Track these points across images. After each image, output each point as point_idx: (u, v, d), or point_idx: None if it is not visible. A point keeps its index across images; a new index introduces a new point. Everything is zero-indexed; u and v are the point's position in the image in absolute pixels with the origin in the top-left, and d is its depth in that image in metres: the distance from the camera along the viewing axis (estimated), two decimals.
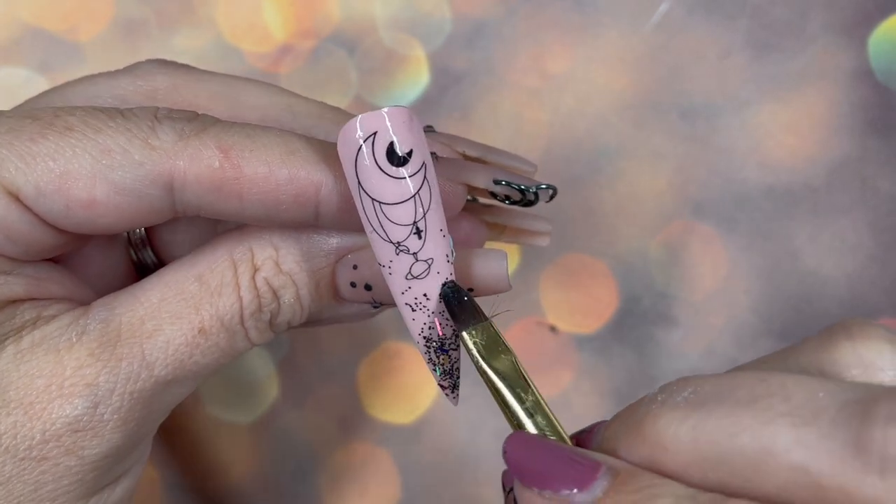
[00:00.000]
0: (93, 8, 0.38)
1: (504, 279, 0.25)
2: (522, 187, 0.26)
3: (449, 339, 0.24)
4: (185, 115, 0.23)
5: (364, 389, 0.38)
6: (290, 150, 0.23)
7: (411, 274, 0.23)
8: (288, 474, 0.37)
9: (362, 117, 0.22)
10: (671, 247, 0.37)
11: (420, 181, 0.22)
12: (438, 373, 0.24)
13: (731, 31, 0.37)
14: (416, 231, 0.23)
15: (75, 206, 0.22)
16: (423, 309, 0.23)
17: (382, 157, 0.22)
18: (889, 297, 0.37)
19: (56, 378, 0.22)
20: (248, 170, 0.22)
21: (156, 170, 0.22)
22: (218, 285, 0.24)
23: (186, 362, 0.23)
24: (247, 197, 0.23)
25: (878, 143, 0.37)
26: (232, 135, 0.23)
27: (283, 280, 0.24)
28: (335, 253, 0.25)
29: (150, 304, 0.23)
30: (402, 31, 0.38)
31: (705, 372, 0.37)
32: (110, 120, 0.23)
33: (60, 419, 0.22)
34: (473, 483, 0.37)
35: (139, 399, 0.23)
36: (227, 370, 0.37)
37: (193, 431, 0.37)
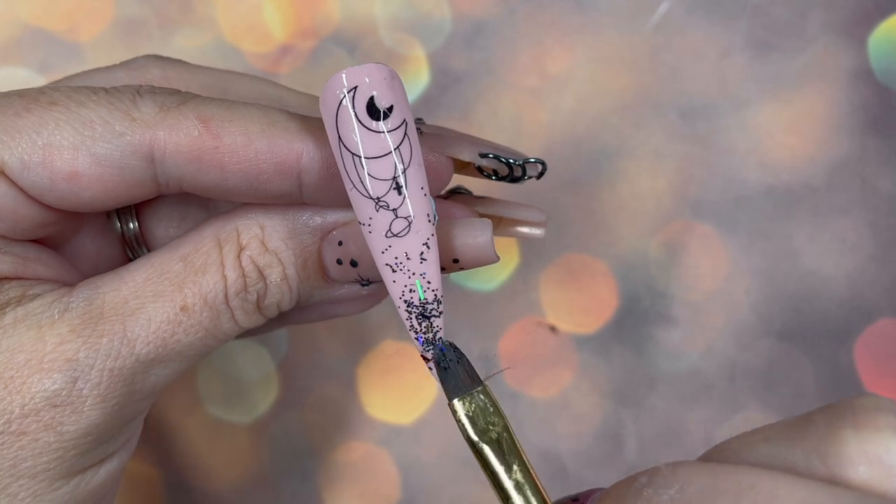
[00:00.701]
0: (93, 8, 0.38)
1: (490, 250, 0.25)
2: (510, 160, 0.26)
3: (431, 304, 0.24)
4: (167, 90, 0.24)
5: (364, 389, 0.38)
6: (270, 121, 0.23)
7: (391, 231, 0.23)
8: (288, 474, 0.37)
9: (345, 71, 0.22)
10: (671, 247, 0.37)
11: (400, 137, 0.22)
12: (420, 342, 0.24)
13: (731, 31, 0.37)
14: (396, 186, 0.22)
15: (59, 179, 0.22)
16: (403, 270, 0.23)
17: (363, 110, 0.22)
18: (889, 297, 0.37)
19: (36, 353, 0.22)
20: (227, 139, 0.23)
21: (136, 140, 0.23)
22: (202, 264, 0.24)
23: (169, 340, 0.23)
24: (227, 167, 0.23)
25: (878, 143, 0.37)
26: (212, 107, 0.23)
27: (269, 259, 0.24)
28: (321, 230, 0.25)
29: (134, 283, 0.24)
30: (402, 31, 0.38)
31: (706, 372, 0.37)
32: (93, 94, 0.23)
33: (39, 393, 0.22)
34: (473, 483, 0.37)
35: (119, 376, 0.23)
36: (227, 370, 0.37)
37: (193, 431, 0.37)
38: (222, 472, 0.37)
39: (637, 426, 0.37)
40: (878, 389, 0.37)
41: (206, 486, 0.37)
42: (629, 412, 0.37)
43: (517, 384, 0.37)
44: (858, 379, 0.37)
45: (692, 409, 0.37)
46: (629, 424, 0.37)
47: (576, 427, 0.37)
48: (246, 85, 0.27)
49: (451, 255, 0.25)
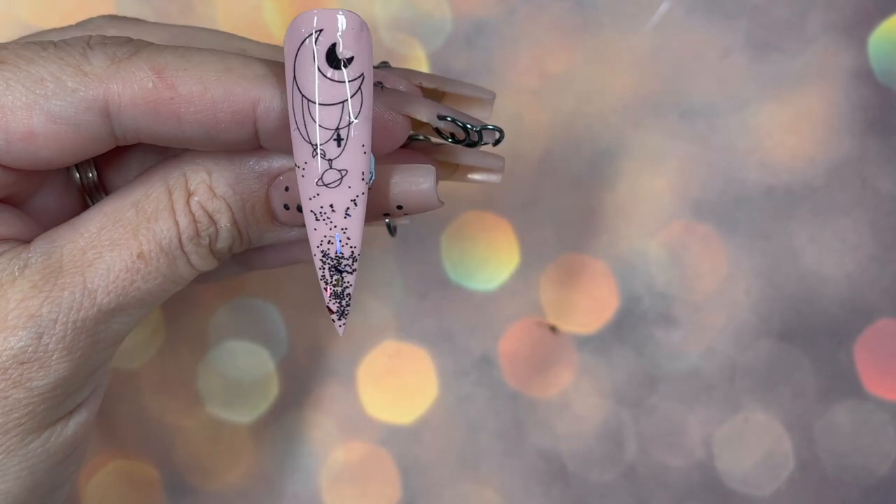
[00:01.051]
0: (93, 8, 0.37)
1: (432, 196, 0.25)
2: (467, 126, 0.26)
3: (346, 259, 0.24)
4: (118, 40, 0.23)
5: (364, 389, 0.38)
6: (226, 68, 0.23)
7: (322, 181, 0.23)
8: (288, 474, 0.37)
9: (314, 11, 0.22)
10: (671, 247, 0.37)
11: (354, 89, 0.22)
12: (328, 294, 0.24)
13: (731, 31, 0.37)
14: (337, 138, 0.22)
15: (14, 139, 0.22)
16: (326, 220, 0.23)
17: (322, 55, 0.22)
18: (889, 297, 0.37)
19: (0, 312, 0.22)
20: (182, 89, 0.22)
21: (90, 95, 0.22)
22: (154, 210, 0.24)
23: (129, 288, 0.23)
24: (184, 117, 0.23)
25: (878, 143, 0.37)
26: (165, 55, 0.23)
27: (218, 204, 0.24)
28: (267, 175, 0.25)
29: (89, 233, 0.24)
30: (402, 31, 0.38)
31: (706, 372, 0.37)
32: (42, 50, 0.23)
33: (6, 352, 0.22)
34: (473, 483, 0.37)
35: (83, 328, 0.23)
36: (228, 370, 0.37)
37: (193, 431, 0.37)
38: (222, 472, 0.37)
39: (637, 426, 0.37)
40: (878, 389, 0.37)
41: (206, 486, 0.37)
42: (629, 412, 0.37)
43: (517, 384, 0.37)
44: (858, 379, 0.37)
45: (692, 409, 0.37)
46: (629, 424, 0.37)
47: (576, 427, 0.37)
48: (207, 38, 0.27)
49: (395, 202, 0.25)
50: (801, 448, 0.37)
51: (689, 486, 0.37)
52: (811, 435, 0.37)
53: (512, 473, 0.37)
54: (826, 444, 0.37)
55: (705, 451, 0.37)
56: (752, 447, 0.37)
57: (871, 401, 0.37)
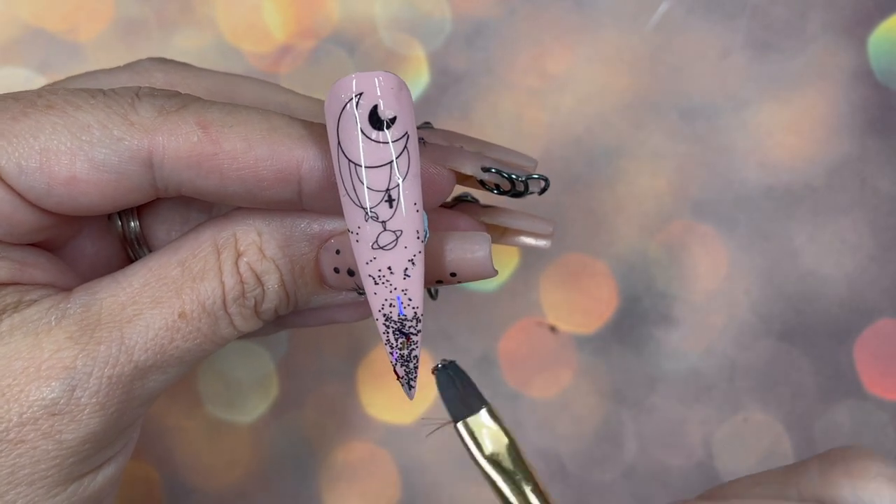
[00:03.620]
0: (93, 8, 0.38)
1: (488, 265, 0.25)
2: (512, 176, 0.26)
3: (410, 321, 0.23)
4: (167, 93, 0.23)
5: (364, 389, 0.38)
6: (272, 126, 0.23)
7: (378, 243, 0.23)
8: (288, 474, 0.37)
9: (353, 76, 0.22)
10: (671, 247, 0.37)
11: (400, 149, 0.22)
12: (395, 358, 0.24)
13: (731, 31, 0.37)
14: (388, 199, 0.22)
15: (56, 184, 0.22)
16: (385, 283, 0.23)
17: (365, 118, 0.22)
18: (889, 297, 0.37)
19: (34, 361, 0.22)
20: (227, 145, 0.22)
21: (135, 145, 0.22)
22: (200, 270, 0.24)
23: (167, 347, 0.23)
24: (227, 173, 0.23)
25: (878, 143, 0.37)
26: (212, 111, 0.23)
27: (267, 265, 0.24)
28: (318, 238, 0.25)
29: (131, 288, 0.23)
30: (402, 31, 0.38)
31: (706, 372, 0.37)
32: (91, 97, 0.23)
33: (38, 402, 0.22)
34: (473, 483, 0.37)
35: (118, 383, 0.23)
36: (227, 370, 0.37)
37: (193, 431, 0.37)
38: (222, 472, 0.37)
39: (637, 426, 0.37)
40: (878, 389, 0.37)
41: (206, 486, 0.37)
42: (629, 412, 0.37)
43: (517, 384, 0.37)
44: (858, 379, 0.37)
45: (692, 409, 0.37)
46: (629, 424, 0.37)
47: (576, 427, 0.37)
48: (251, 89, 0.27)
49: (449, 269, 0.25)
50: (800, 448, 0.37)
51: (689, 486, 0.37)
52: (811, 435, 0.37)
53: None
54: (826, 444, 0.37)
55: (705, 451, 0.37)
56: (752, 447, 0.37)
57: (871, 401, 0.37)
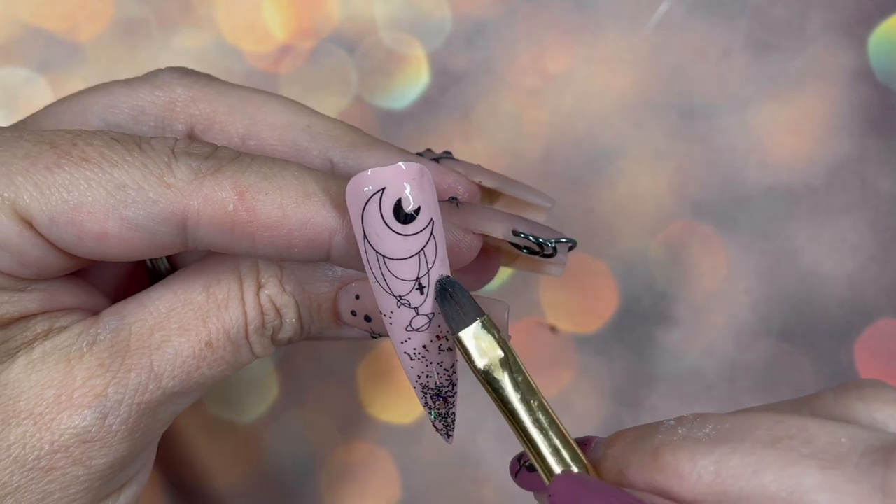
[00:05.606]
0: (93, 8, 0.38)
1: (503, 329, 0.25)
2: (541, 240, 0.26)
3: (446, 387, 0.24)
4: (203, 152, 0.23)
5: (364, 389, 0.38)
6: (307, 194, 0.23)
7: (411, 326, 0.23)
8: (288, 474, 0.37)
9: (372, 172, 0.21)
10: (671, 247, 0.37)
11: (426, 239, 0.22)
12: (433, 416, 0.25)
13: (731, 31, 0.37)
14: (419, 287, 0.23)
15: (87, 238, 0.22)
16: (421, 359, 0.24)
17: (389, 213, 0.22)
18: (889, 297, 0.37)
19: (66, 389, 0.22)
20: (262, 215, 0.22)
21: (169, 208, 0.22)
22: (224, 298, 0.24)
23: (193, 374, 0.24)
24: (259, 239, 0.23)
25: (878, 143, 0.37)
26: (248, 175, 0.23)
27: (286, 300, 0.25)
28: (339, 280, 0.25)
29: (158, 313, 0.24)
30: (402, 31, 0.38)
31: (706, 372, 0.37)
32: (127, 153, 0.22)
33: (69, 430, 0.22)
34: (473, 483, 0.37)
35: (146, 410, 0.23)
36: None
37: (193, 431, 0.37)
38: (222, 472, 0.37)
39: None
40: None
41: (206, 486, 0.37)
42: (629, 412, 0.37)
43: None
44: (858, 379, 0.37)
45: (692, 409, 0.37)
46: (629, 424, 0.37)
47: (576, 427, 0.37)
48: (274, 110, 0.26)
49: None
50: None
51: None
52: None
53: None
54: None
55: None
56: None
57: None
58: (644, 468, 0.20)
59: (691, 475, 0.19)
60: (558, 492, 0.21)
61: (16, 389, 0.22)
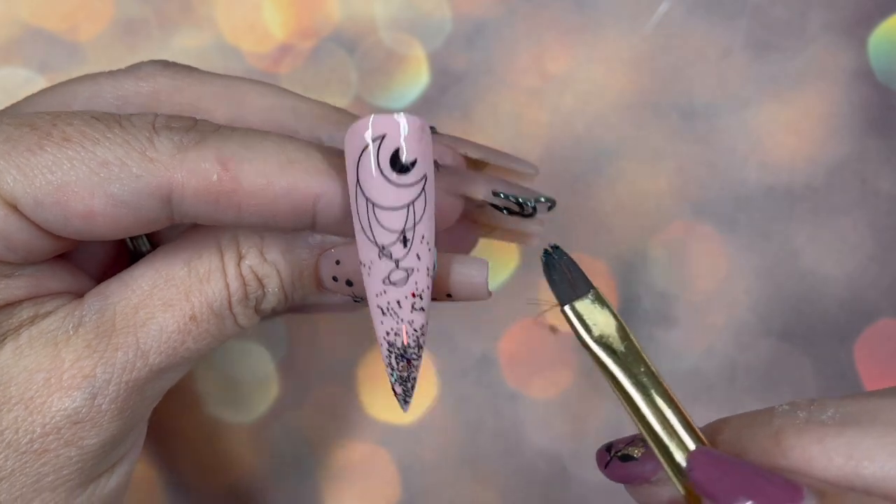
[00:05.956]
0: (93, 8, 0.38)
1: (483, 288, 0.25)
2: (521, 200, 0.26)
3: (412, 348, 0.24)
4: (184, 125, 0.23)
5: (364, 389, 0.38)
6: (289, 160, 0.23)
7: (389, 280, 0.23)
8: (288, 474, 0.37)
9: (375, 118, 0.22)
10: (671, 247, 0.37)
11: (417, 192, 0.22)
12: (394, 378, 0.24)
13: (731, 31, 0.37)
14: (403, 239, 0.23)
15: (74, 218, 0.22)
16: (393, 315, 0.24)
17: (386, 161, 0.22)
18: (889, 297, 0.37)
19: (55, 372, 0.23)
20: (245, 183, 0.23)
21: (154, 182, 0.22)
22: (206, 272, 0.24)
23: (179, 349, 0.24)
24: (244, 208, 0.23)
25: (878, 143, 0.37)
26: (230, 145, 0.23)
27: (268, 269, 0.25)
28: (319, 247, 0.25)
29: (141, 291, 0.24)
30: (402, 31, 0.38)
31: (706, 372, 0.37)
32: (108, 131, 0.22)
33: (60, 412, 0.23)
34: (473, 483, 0.37)
35: (135, 387, 0.23)
36: (227, 370, 0.37)
37: (193, 431, 0.37)
38: (222, 472, 0.37)
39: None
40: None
41: (206, 486, 0.37)
42: None
43: (517, 384, 0.37)
44: (859, 379, 0.37)
45: (692, 409, 0.37)
46: (630, 425, 0.37)
47: (576, 427, 0.37)
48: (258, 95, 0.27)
49: (446, 290, 0.25)
50: None
51: None
52: None
53: (512, 473, 0.37)
54: None
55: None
56: None
57: None
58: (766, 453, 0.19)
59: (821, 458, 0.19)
60: (700, 467, 0.20)
61: (5, 375, 0.23)
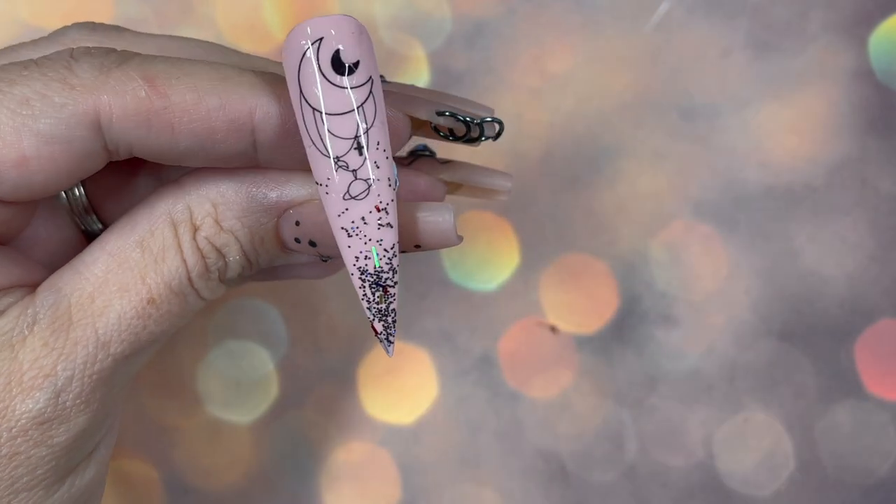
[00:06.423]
0: (93, 8, 0.38)
1: (452, 234, 0.24)
2: (466, 119, 0.25)
3: (386, 273, 0.23)
4: (103, 49, 0.22)
5: (364, 389, 0.38)
6: (222, 76, 0.22)
7: (349, 194, 0.22)
8: (288, 474, 0.37)
9: (310, 21, 0.21)
10: (671, 247, 0.37)
11: (365, 95, 0.21)
12: (372, 313, 0.23)
13: (731, 31, 0.37)
14: (357, 146, 0.22)
15: (7, 167, 0.21)
16: (359, 235, 0.22)
17: (327, 64, 0.21)
18: (889, 297, 0.37)
19: (14, 375, 0.22)
20: (176, 97, 0.22)
21: (80, 109, 0.21)
22: (160, 249, 0.23)
23: (141, 334, 0.23)
24: (178, 127, 0.22)
25: (879, 143, 0.37)
26: (156, 64, 0.22)
27: (226, 238, 0.24)
28: (276, 208, 0.24)
29: (95, 278, 0.23)
30: (402, 31, 0.38)
31: (706, 372, 0.37)
32: (24, 69, 0.22)
33: (25, 415, 0.22)
34: (473, 483, 0.37)
35: (99, 380, 0.23)
36: (228, 370, 0.37)
37: (193, 431, 0.37)
38: (222, 472, 0.37)
39: (637, 426, 0.37)
40: (879, 389, 0.37)
41: (206, 486, 0.37)
42: (629, 412, 0.37)
43: (517, 384, 0.37)
44: (859, 379, 0.37)
45: (692, 410, 0.37)
46: (629, 424, 0.37)
47: (576, 427, 0.37)
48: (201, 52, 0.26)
49: (414, 240, 0.24)
50: (801, 448, 0.37)
51: (690, 487, 0.37)
52: (811, 435, 0.37)
53: (512, 473, 0.37)
54: (826, 444, 0.37)
55: (705, 452, 0.37)
56: (753, 447, 0.37)
57: (872, 401, 0.37)
58: None
59: None
60: None
61: None
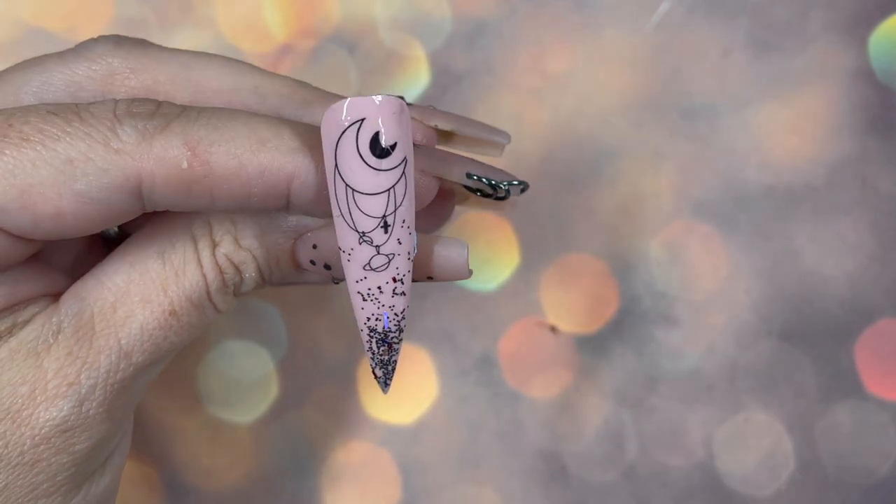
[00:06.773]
0: (93, 8, 0.38)
1: (465, 268, 0.25)
2: (493, 182, 0.26)
3: (393, 332, 0.24)
4: (146, 110, 0.22)
5: (364, 389, 0.38)
6: (260, 140, 0.22)
7: (370, 266, 0.23)
8: (288, 474, 0.37)
9: (352, 101, 0.21)
10: (671, 247, 0.37)
11: (398, 176, 0.22)
12: (374, 362, 0.24)
13: (731, 31, 0.37)
14: (384, 225, 0.22)
15: (43, 220, 0.22)
16: (374, 300, 0.23)
17: (365, 145, 0.21)
18: (889, 297, 0.37)
19: (39, 383, 0.22)
20: (217, 168, 0.22)
21: (122, 175, 0.22)
22: (181, 263, 0.24)
23: (162, 344, 0.24)
24: (217, 193, 0.22)
25: (879, 143, 0.37)
26: (197, 129, 0.22)
27: (244, 256, 0.24)
28: (294, 231, 0.25)
29: (117, 288, 0.23)
30: (402, 31, 0.38)
31: (706, 372, 0.37)
32: (67, 125, 0.22)
33: (49, 423, 0.22)
34: (473, 483, 0.37)
35: (121, 388, 0.23)
36: (227, 370, 0.37)
37: (193, 431, 0.37)
38: (222, 472, 0.37)
39: (637, 426, 0.37)
40: (879, 389, 0.37)
41: (206, 486, 0.37)
42: (629, 412, 0.37)
43: (517, 384, 0.37)
44: (859, 379, 0.37)
45: (692, 409, 0.37)
46: (629, 424, 0.37)
47: (576, 427, 0.37)
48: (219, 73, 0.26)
49: (427, 272, 0.25)
50: (801, 448, 0.37)
51: (690, 487, 0.37)
52: (812, 435, 0.37)
53: (512, 473, 0.37)
54: (827, 444, 0.37)
55: (705, 452, 0.37)
56: (753, 447, 0.37)
57: (872, 401, 0.37)
58: None
59: None
60: None
61: None
